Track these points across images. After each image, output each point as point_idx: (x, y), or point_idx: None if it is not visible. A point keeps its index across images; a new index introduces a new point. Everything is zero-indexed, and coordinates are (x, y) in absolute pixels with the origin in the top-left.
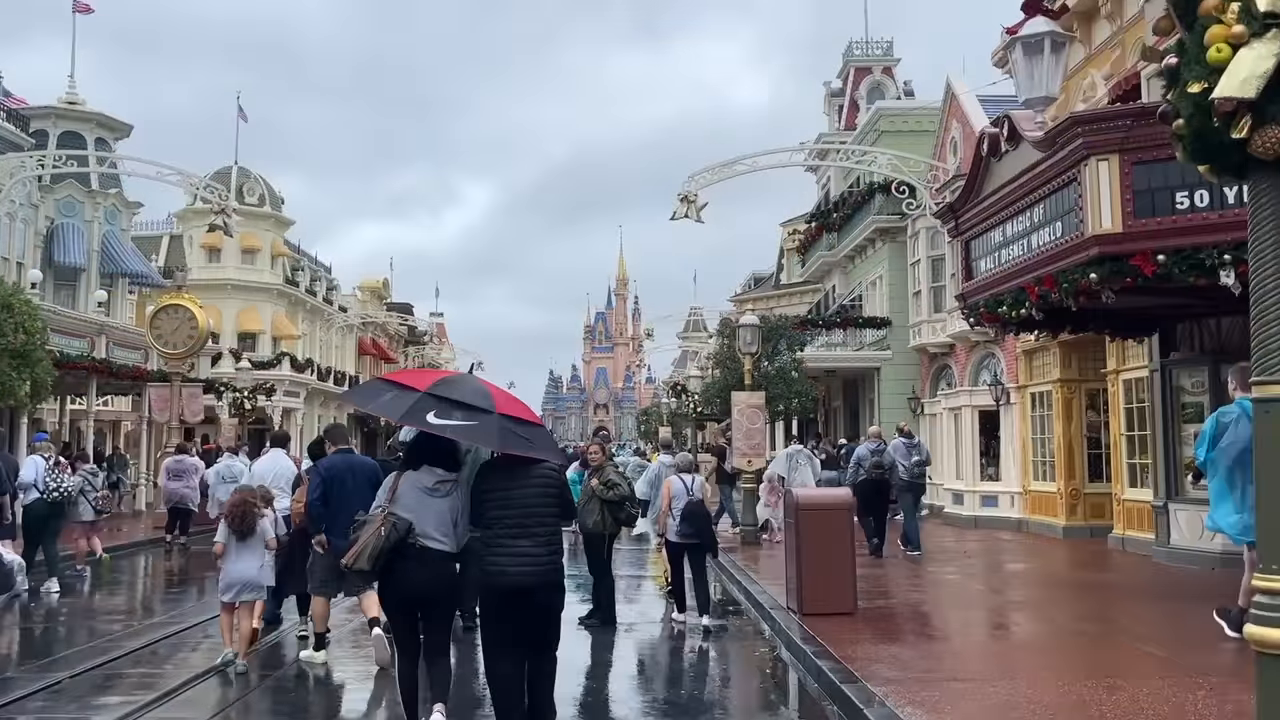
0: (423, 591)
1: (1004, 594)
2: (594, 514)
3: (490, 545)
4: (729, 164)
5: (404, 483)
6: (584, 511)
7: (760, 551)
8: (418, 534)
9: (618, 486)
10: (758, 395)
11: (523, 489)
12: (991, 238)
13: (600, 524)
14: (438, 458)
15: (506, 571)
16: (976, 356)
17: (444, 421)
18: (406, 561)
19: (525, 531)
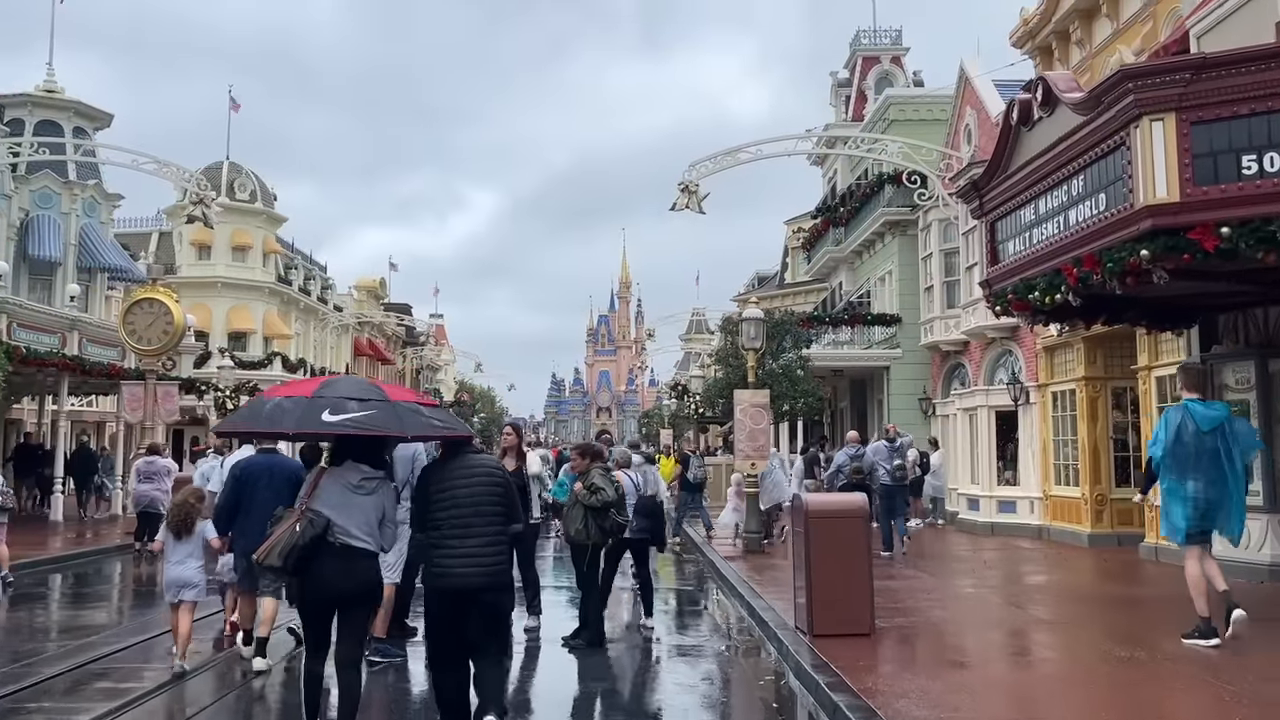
0: (340, 590)
1: (1033, 611)
2: (577, 522)
3: (436, 546)
4: (731, 152)
5: (327, 479)
6: (567, 519)
7: (764, 561)
8: (337, 531)
9: (601, 491)
10: (762, 394)
11: (469, 488)
12: (1021, 216)
13: (584, 533)
14: (364, 454)
15: (453, 572)
16: (993, 354)
17: (341, 417)
18: (325, 559)
19: (472, 531)
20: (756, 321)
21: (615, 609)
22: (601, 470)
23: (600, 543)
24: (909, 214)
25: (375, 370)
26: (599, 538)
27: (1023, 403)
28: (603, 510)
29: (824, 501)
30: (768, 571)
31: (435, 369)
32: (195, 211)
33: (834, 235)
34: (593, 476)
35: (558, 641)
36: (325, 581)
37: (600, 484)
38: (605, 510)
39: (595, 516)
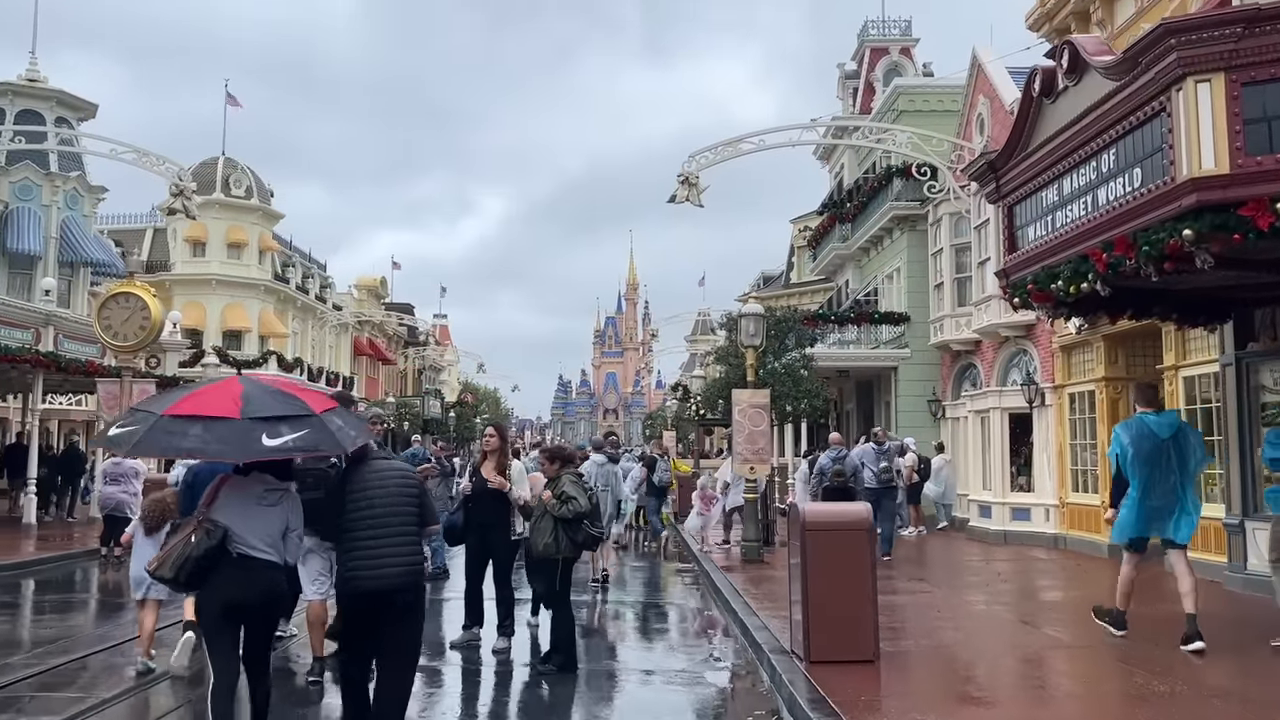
0: (240, 601)
1: (1054, 633)
2: (545, 535)
3: (351, 549)
4: (732, 143)
5: (228, 488)
6: (535, 531)
7: (762, 572)
8: (236, 541)
9: (573, 501)
10: (761, 393)
11: (384, 490)
12: (1043, 198)
13: (553, 547)
14: (267, 465)
15: (370, 573)
16: (1006, 354)
17: (280, 442)
18: (224, 570)
19: (388, 532)
20: (756, 317)
21: (600, 628)
22: (573, 477)
23: (572, 557)
24: (918, 208)
25: (376, 371)
26: (570, 551)
27: (1038, 404)
28: (574, 522)
29: (823, 512)
30: (765, 584)
31: (438, 369)
32: (175, 204)
33: (840, 232)
34: (563, 484)
35: (526, 664)
36: (225, 593)
37: (572, 492)
38: (578, 522)
39: (566, 529)
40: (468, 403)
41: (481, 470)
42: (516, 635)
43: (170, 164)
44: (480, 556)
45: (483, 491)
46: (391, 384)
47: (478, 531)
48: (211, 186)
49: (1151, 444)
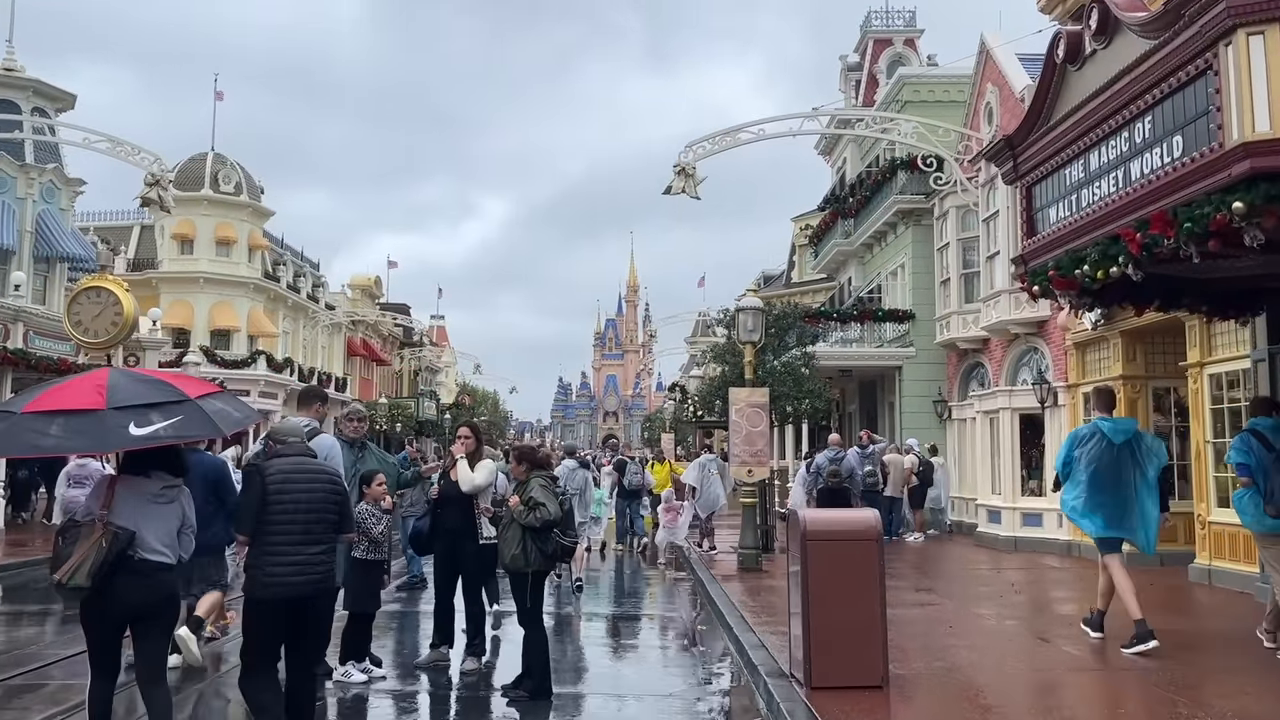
0: (140, 608)
1: (1075, 650)
2: (513, 545)
3: (267, 553)
4: (731, 132)
5: (122, 488)
6: (503, 541)
7: (761, 582)
8: (137, 545)
9: (541, 508)
10: (760, 392)
11: (309, 492)
12: (1067, 175)
13: (522, 559)
14: (161, 460)
15: (288, 580)
16: (1016, 352)
17: (149, 430)
18: (122, 575)
19: (310, 538)
20: (754, 312)
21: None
22: (544, 481)
23: (544, 569)
24: (923, 202)
25: (370, 371)
26: (541, 564)
27: (1050, 405)
28: (544, 531)
29: (826, 520)
30: (763, 595)
31: (435, 371)
32: (151, 194)
33: (842, 227)
34: (531, 489)
35: (500, 688)
36: (124, 599)
37: (540, 498)
38: (547, 531)
39: (535, 539)
40: (465, 405)
41: (452, 474)
42: (500, 656)
43: (146, 153)
44: (449, 566)
45: (451, 496)
46: (387, 385)
47: (446, 539)
48: (200, 182)
49: (1101, 449)
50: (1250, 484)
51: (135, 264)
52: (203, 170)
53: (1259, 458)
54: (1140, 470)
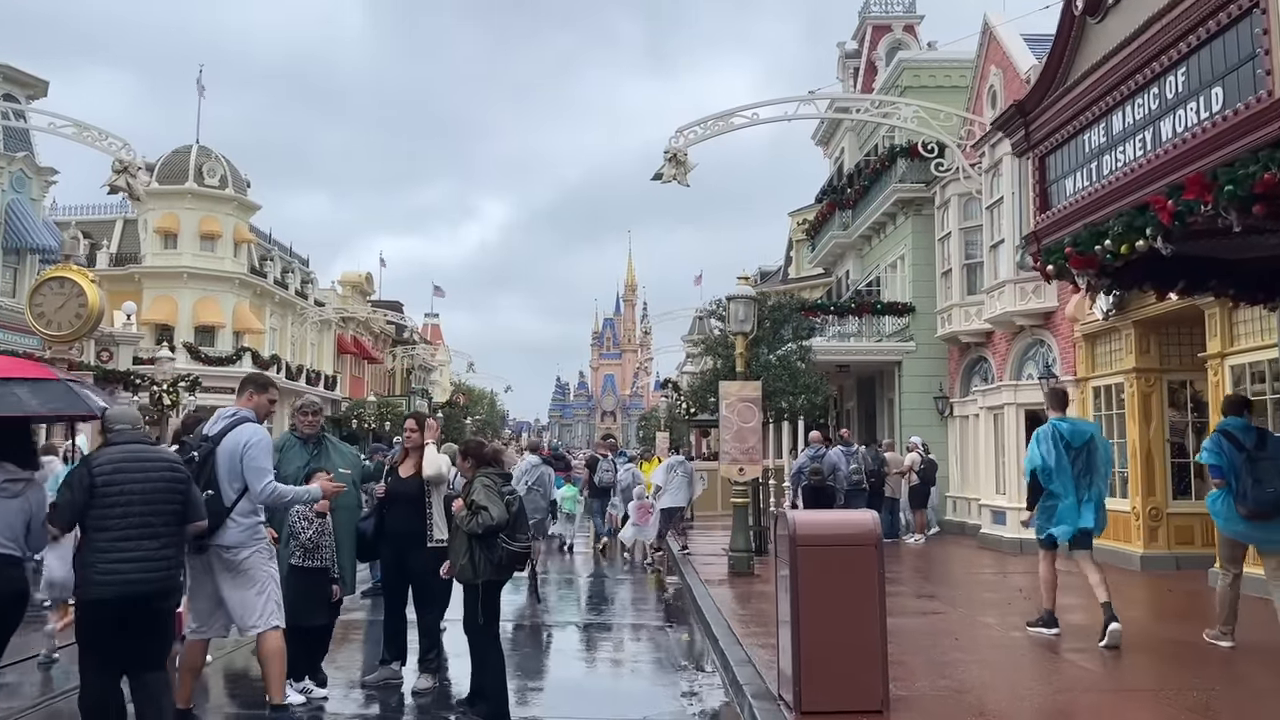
0: None
1: (1090, 665)
2: (460, 555)
3: (100, 550)
4: (724, 116)
5: None
6: (451, 550)
7: (753, 587)
8: None
9: (483, 512)
10: (752, 385)
11: (144, 482)
12: (1086, 141)
13: (470, 569)
14: (6, 451)
15: (126, 578)
16: (1021, 345)
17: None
18: None
19: (148, 531)
20: (746, 301)
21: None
22: (488, 480)
23: (497, 579)
24: (924, 191)
25: (361, 369)
26: (491, 573)
27: None
28: (488, 537)
29: (819, 523)
30: (754, 601)
31: (429, 369)
32: (119, 181)
33: (840, 219)
34: (474, 490)
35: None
36: None
37: (483, 501)
38: (492, 537)
39: (482, 547)
40: (459, 403)
41: (400, 470)
42: (458, 670)
43: (114, 139)
44: (398, 574)
45: (400, 494)
46: (379, 384)
47: (394, 543)
48: (184, 175)
49: (1062, 451)
50: (1223, 485)
51: (118, 259)
52: (187, 163)
53: (1230, 458)
54: (1093, 471)
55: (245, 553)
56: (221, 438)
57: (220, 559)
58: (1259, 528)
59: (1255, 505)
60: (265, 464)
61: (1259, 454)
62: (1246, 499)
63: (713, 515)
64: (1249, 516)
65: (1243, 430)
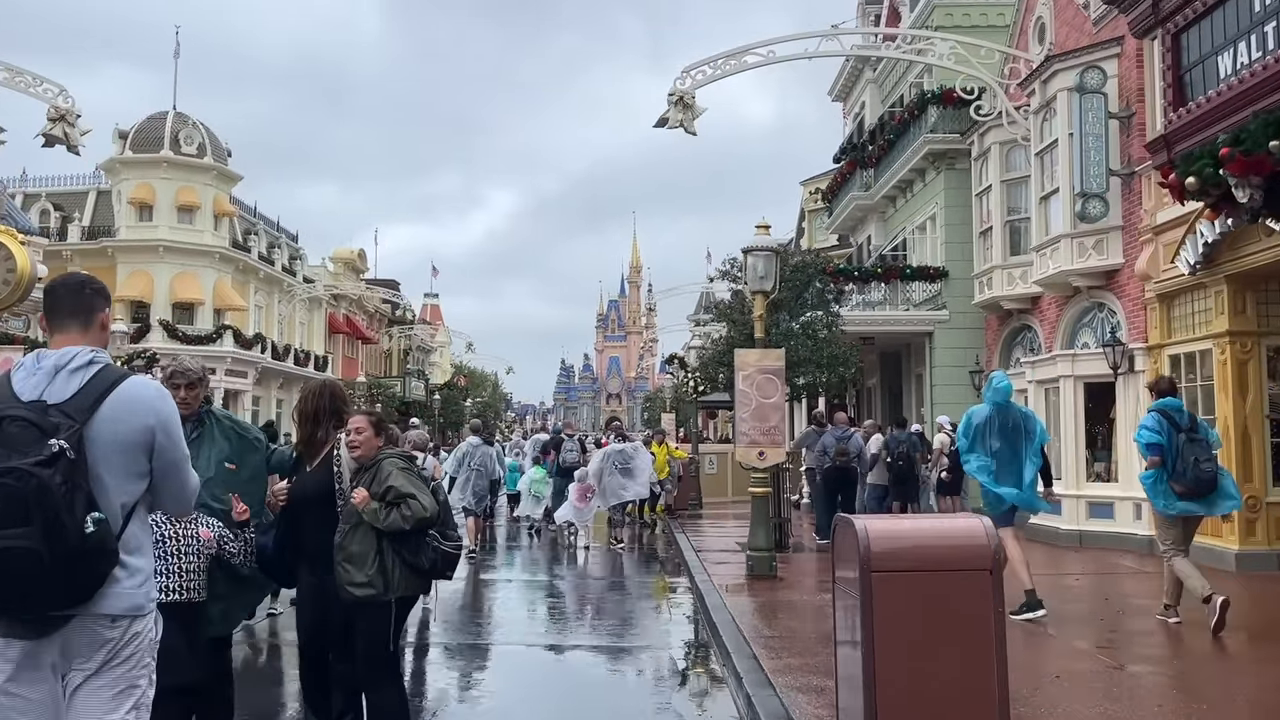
0: None
1: (1254, 708)
2: (367, 563)
3: None
4: (736, 54)
5: None
6: (347, 558)
7: (778, 596)
8: None
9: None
10: (773, 354)
11: None
12: (1247, 3)
13: (381, 582)
14: None
15: None
16: (1075, 310)
17: None
18: None
19: None
20: (766, 255)
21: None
22: (402, 463)
23: (411, 596)
24: (958, 142)
25: (355, 350)
26: (408, 587)
27: (1124, 371)
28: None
29: (903, 536)
30: (781, 617)
31: (427, 350)
32: (54, 130)
33: (862, 179)
34: (388, 476)
35: None
36: None
37: (406, 488)
38: (420, 535)
39: (402, 549)
40: (460, 385)
41: (308, 464)
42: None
43: (49, 85)
44: (316, 608)
45: (309, 498)
46: (375, 364)
47: (310, 565)
48: (159, 143)
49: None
50: (1159, 464)
51: (90, 232)
52: (162, 130)
53: (1170, 438)
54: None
55: (133, 634)
56: (96, 406)
57: (89, 645)
58: (1187, 504)
59: (1193, 484)
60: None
61: (1193, 435)
62: (1186, 477)
63: (722, 502)
64: (1184, 495)
65: (1178, 411)
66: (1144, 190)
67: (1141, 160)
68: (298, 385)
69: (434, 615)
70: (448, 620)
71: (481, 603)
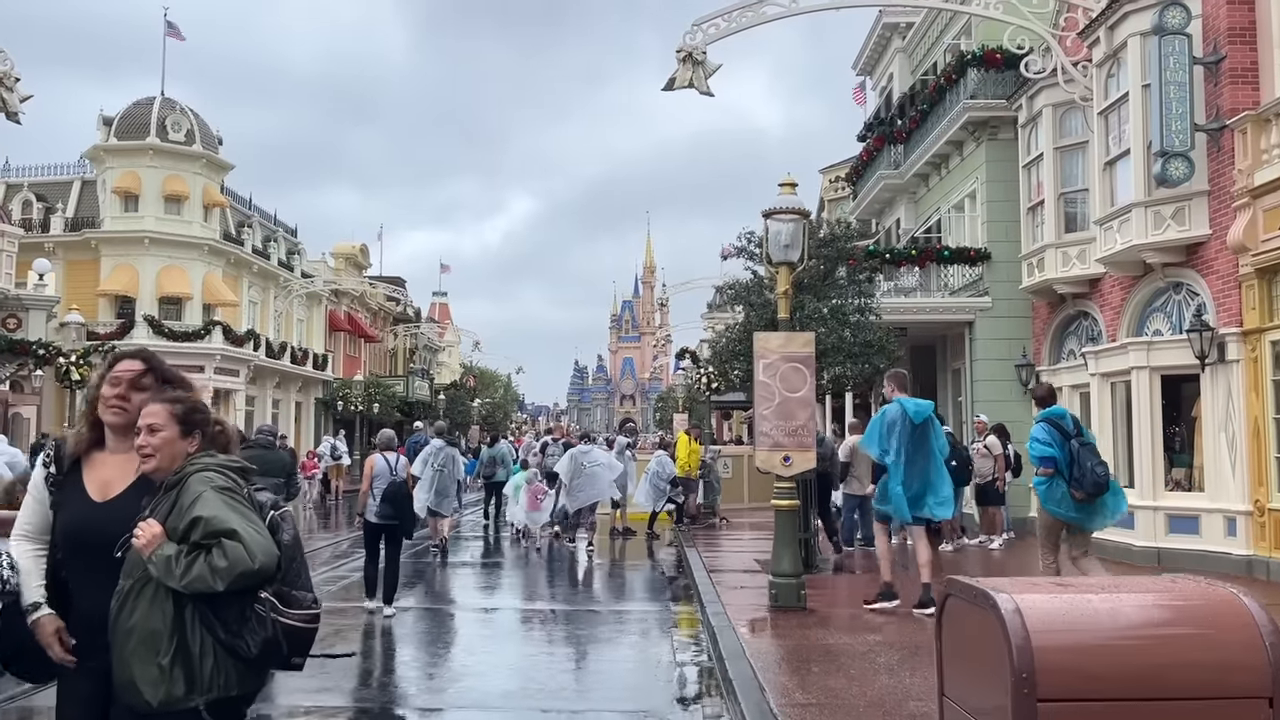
0: None
1: None
2: (160, 644)
3: None
4: (754, 5)
5: None
6: (123, 636)
7: (809, 636)
8: None
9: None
10: (801, 339)
11: None
12: None
13: (179, 680)
14: None
15: None
16: (1145, 292)
17: None
18: None
19: None
20: (793, 219)
21: None
22: (223, 479)
23: (245, 692)
24: (1004, 109)
25: (357, 348)
26: (232, 682)
27: (1213, 361)
28: (232, 600)
29: (1094, 626)
30: (817, 672)
31: (435, 350)
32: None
33: (890, 156)
34: (196, 500)
35: None
36: None
37: (223, 521)
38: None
39: (216, 620)
40: (468, 385)
41: (87, 479)
42: None
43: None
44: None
45: (89, 544)
46: (379, 364)
47: (89, 649)
48: (145, 130)
49: (910, 433)
50: (1051, 473)
51: (74, 223)
52: (149, 116)
53: (1062, 447)
54: (934, 449)
55: None
56: None
57: None
58: (1084, 509)
59: (1092, 488)
60: None
61: (1082, 440)
62: (1084, 483)
63: (738, 509)
64: (1084, 499)
65: (1063, 417)
66: (1238, 147)
67: (1234, 112)
68: (295, 385)
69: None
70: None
71: (412, 641)
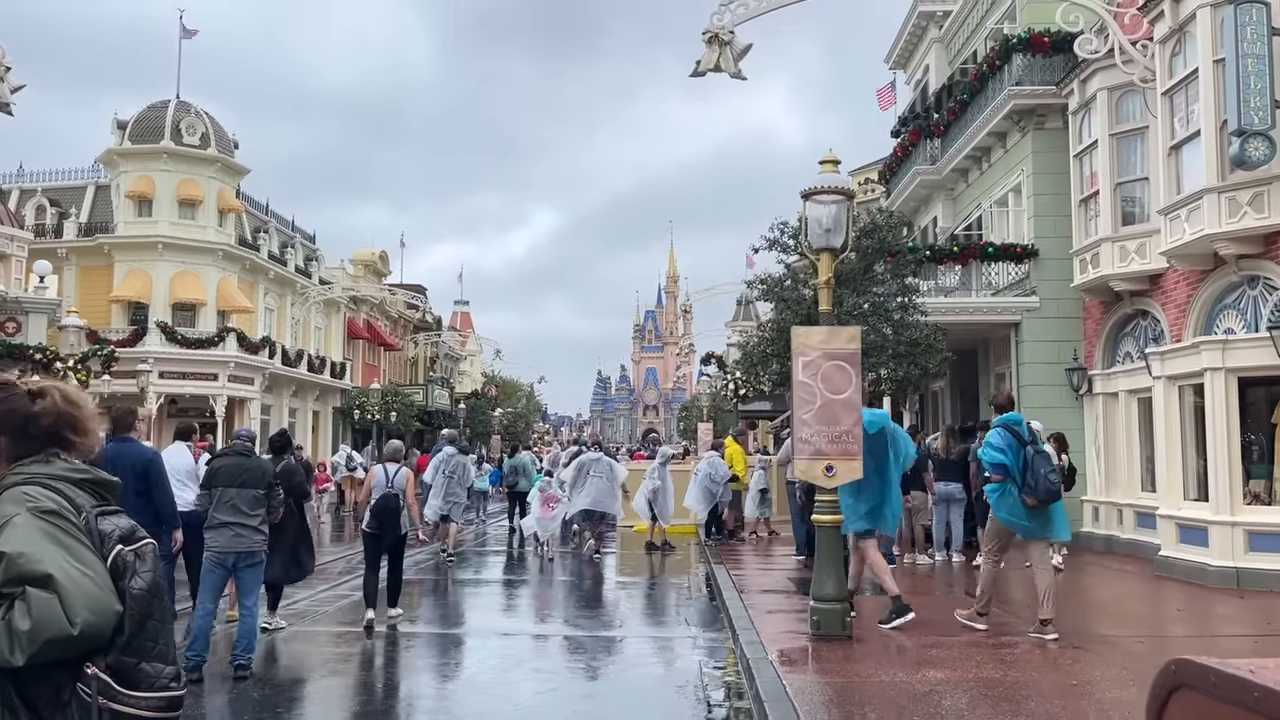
0: None
1: None
2: None
3: None
4: None
5: None
6: None
7: (860, 673)
8: None
9: (27, 597)
10: (845, 334)
11: None
12: None
13: None
14: None
15: None
16: (1214, 288)
17: None
18: None
19: None
20: (837, 201)
21: None
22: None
23: None
24: (1053, 95)
25: (375, 356)
26: None
27: None
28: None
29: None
30: (874, 718)
31: (456, 359)
32: None
33: (927, 150)
34: (4, 528)
35: None
36: None
37: (35, 563)
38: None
39: (25, 698)
40: (489, 395)
41: None
42: None
43: None
44: None
45: None
46: (399, 373)
47: None
48: (159, 133)
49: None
50: (1003, 480)
51: (88, 228)
52: (163, 119)
53: (1016, 453)
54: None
55: None
56: None
57: None
58: (1036, 517)
59: (1044, 495)
60: None
61: (1037, 447)
62: (1037, 490)
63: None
64: (1035, 506)
65: (1019, 424)
66: None
67: None
68: (312, 393)
69: None
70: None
71: (406, 662)
